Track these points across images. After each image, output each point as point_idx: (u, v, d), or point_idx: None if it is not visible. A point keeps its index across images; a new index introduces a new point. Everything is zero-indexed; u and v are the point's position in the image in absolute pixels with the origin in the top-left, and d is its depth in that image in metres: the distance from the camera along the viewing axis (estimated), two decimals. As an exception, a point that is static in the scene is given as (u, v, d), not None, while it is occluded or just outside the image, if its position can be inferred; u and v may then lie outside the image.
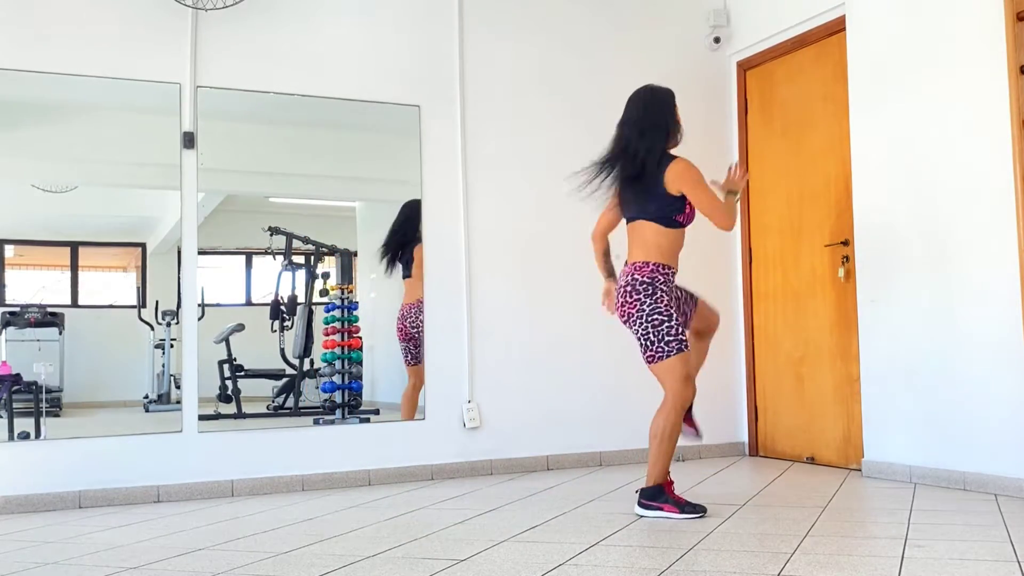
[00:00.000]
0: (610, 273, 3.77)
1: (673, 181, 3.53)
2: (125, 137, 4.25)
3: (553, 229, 4.95)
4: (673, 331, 3.45)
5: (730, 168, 3.70)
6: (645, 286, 3.47)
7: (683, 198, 3.53)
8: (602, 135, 5.12)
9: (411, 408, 4.63)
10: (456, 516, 3.54)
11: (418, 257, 4.68)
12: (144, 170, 4.31)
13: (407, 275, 4.70)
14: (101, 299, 4.41)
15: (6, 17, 4.03)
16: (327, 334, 4.65)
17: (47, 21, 4.09)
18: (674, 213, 3.54)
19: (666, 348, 3.44)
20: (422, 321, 4.65)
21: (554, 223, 4.96)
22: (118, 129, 4.25)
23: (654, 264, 3.50)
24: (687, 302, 3.70)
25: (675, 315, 3.48)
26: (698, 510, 3.41)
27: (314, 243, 4.67)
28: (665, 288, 3.48)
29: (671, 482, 3.50)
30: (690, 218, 3.58)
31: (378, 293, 4.75)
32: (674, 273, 3.57)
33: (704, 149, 5.39)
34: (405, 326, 4.67)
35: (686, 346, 3.47)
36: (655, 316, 3.45)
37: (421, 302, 4.65)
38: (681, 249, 3.61)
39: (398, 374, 4.70)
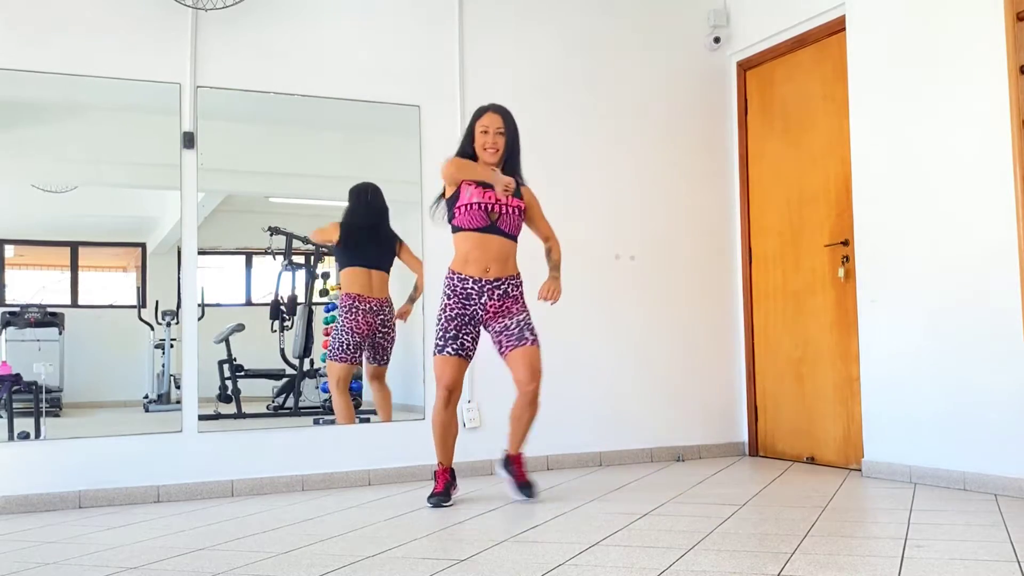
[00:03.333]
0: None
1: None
2: (125, 137, 4.25)
3: (553, 229, 4.94)
4: (439, 333, 3.77)
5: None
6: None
7: (451, 201, 3.81)
8: (602, 135, 5.14)
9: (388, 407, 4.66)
10: (456, 516, 3.54)
11: (406, 257, 4.71)
12: (144, 170, 4.31)
13: (383, 267, 4.68)
14: (101, 299, 4.41)
15: (6, 17, 4.03)
16: (327, 334, 4.65)
17: (47, 21, 4.09)
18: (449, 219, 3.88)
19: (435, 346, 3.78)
20: (389, 321, 4.66)
21: (554, 223, 4.95)
22: (118, 129, 4.25)
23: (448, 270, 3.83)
24: (508, 334, 3.78)
25: (450, 319, 3.75)
26: (433, 499, 3.78)
27: (314, 243, 4.67)
28: (448, 292, 3.78)
29: (441, 469, 3.84)
30: (457, 221, 3.79)
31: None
32: (464, 278, 3.75)
33: (704, 149, 5.40)
34: (374, 322, 4.65)
35: (445, 351, 3.73)
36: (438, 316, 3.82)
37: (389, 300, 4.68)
38: (470, 255, 3.76)
39: (399, 374, 4.69)
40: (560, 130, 5.04)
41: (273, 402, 4.58)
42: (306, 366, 4.65)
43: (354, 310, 4.58)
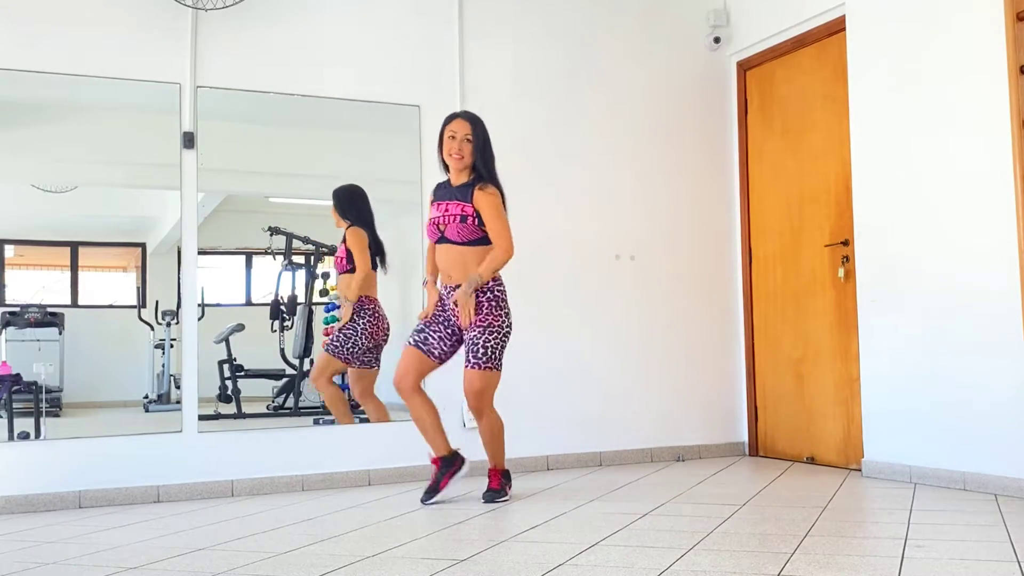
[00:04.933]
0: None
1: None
2: (125, 137, 4.25)
3: (553, 229, 4.95)
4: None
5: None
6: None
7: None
8: (602, 135, 5.14)
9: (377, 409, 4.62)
10: (456, 516, 3.54)
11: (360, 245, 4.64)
12: (144, 170, 4.31)
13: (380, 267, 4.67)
14: (101, 299, 4.41)
15: (6, 17, 4.03)
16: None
17: (47, 21, 4.09)
18: None
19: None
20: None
21: (554, 223, 4.97)
22: (118, 129, 4.25)
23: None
24: (466, 349, 3.81)
25: (427, 315, 3.94)
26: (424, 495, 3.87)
27: (314, 243, 4.67)
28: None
29: (433, 459, 3.90)
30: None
31: (378, 293, 4.75)
32: (444, 285, 3.93)
33: (704, 149, 5.40)
34: (386, 327, 4.65)
35: (408, 341, 3.92)
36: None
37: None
38: (440, 266, 3.93)
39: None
40: (560, 130, 5.04)
41: (273, 402, 4.59)
42: (306, 366, 4.65)
43: (378, 316, 4.61)
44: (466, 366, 3.78)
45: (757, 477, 4.43)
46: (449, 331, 3.88)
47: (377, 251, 4.62)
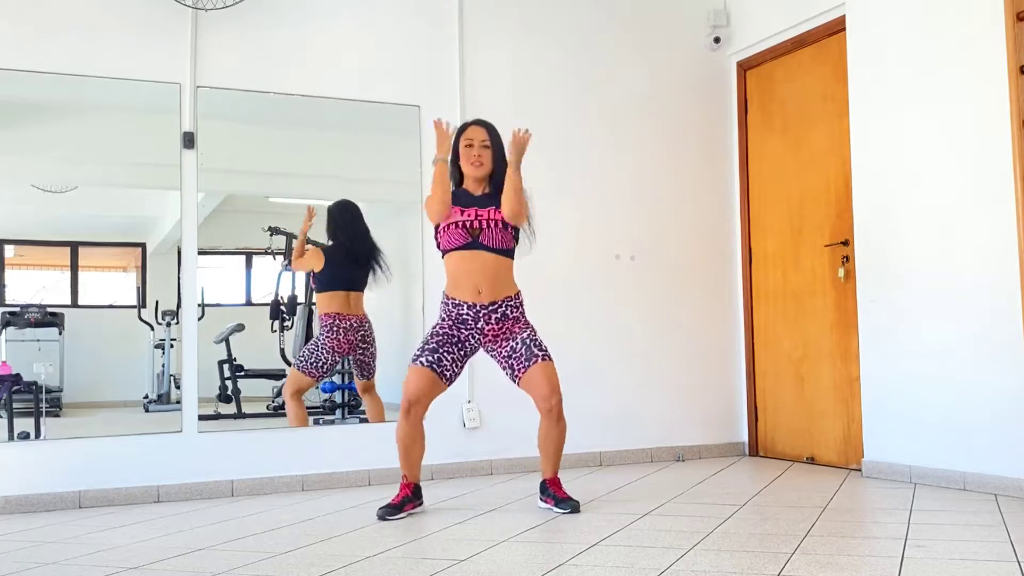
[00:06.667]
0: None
1: None
2: (125, 137, 4.25)
3: (553, 229, 4.95)
4: (420, 345, 3.64)
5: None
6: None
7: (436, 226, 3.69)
8: (602, 135, 5.14)
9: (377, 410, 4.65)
10: (456, 516, 3.54)
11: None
12: (144, 170, 4.31)
13: (359, 287, 4.67)
14: (101, 299, 4.41)
15: (6, 17, 4.03)
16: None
17: (47, 21, 4.09)
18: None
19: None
20: (368, 336, 4.65)
21: (554, 223, 4.96)
22: (118, 129, 4.25)
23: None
24: (517, 356, 3.63)
25: (436, 335, 3.63)
26: (382, 509, 3.60)
27: (314, 243, 4.67)
28: (443, 315, 3.64)
29: (405, 481, 3.66)
30: (441, 244, 3.66)
31: (377, 293, 4.75)
32: (458, 303, 3.60)
33: (704, 149, 5.40)
34: (355, 339, 4.63)
35: (418, 361, 3.57)
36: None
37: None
38: (459, 277, 3.61)
39: (398, 373, 4.68)
40: (560, 130, 5.04)
41: (273, 402, 4.59)
42: (306, 366, 4.65)
43: (335, 329, 4.56)
44: (533, 363, 3.57)
45: (757, 477, 4.43)
46: (462, 353, 3.62)
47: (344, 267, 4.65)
